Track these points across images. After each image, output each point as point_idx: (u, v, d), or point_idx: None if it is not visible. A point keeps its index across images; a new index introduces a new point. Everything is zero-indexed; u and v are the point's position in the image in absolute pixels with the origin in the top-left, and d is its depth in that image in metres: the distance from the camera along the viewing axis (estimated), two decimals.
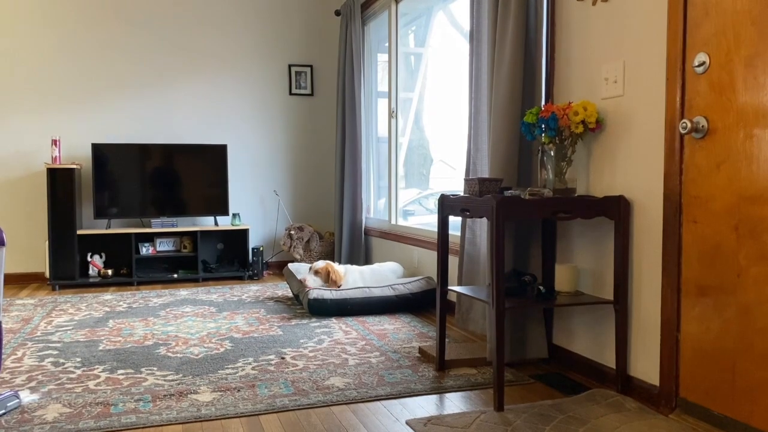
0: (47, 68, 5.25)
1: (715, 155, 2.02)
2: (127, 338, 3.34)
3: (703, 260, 2.07)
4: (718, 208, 2.01)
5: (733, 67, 1.95)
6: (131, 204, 5.28)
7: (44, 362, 2.92)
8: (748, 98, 1.90)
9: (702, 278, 2.07)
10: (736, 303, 1.96)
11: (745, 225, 1.91)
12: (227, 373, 2.72)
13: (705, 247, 2.06)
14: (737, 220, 1.94)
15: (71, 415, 2.26)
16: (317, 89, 5.93)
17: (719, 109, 2.00)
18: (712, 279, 2.04)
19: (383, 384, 2.57)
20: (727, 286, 1.98)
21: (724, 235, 1.99)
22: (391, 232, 4.90)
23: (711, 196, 2.03)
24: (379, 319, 3.75)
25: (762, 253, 1.85)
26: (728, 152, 1.97)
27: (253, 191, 5.81)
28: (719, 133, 2.00)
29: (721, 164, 2.00)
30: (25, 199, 5.23)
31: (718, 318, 2.02)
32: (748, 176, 1.90)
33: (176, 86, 5.56)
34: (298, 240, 5.49)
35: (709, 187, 2.04)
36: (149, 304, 4.26)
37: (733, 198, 1.96)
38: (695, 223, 2.10)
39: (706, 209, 2.05)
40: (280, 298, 4.45)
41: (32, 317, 3.90)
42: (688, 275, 2.13)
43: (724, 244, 1.99)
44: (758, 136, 1.87)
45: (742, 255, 1.93)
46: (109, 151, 5.19)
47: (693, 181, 2.10)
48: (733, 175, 1.95)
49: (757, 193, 1.87)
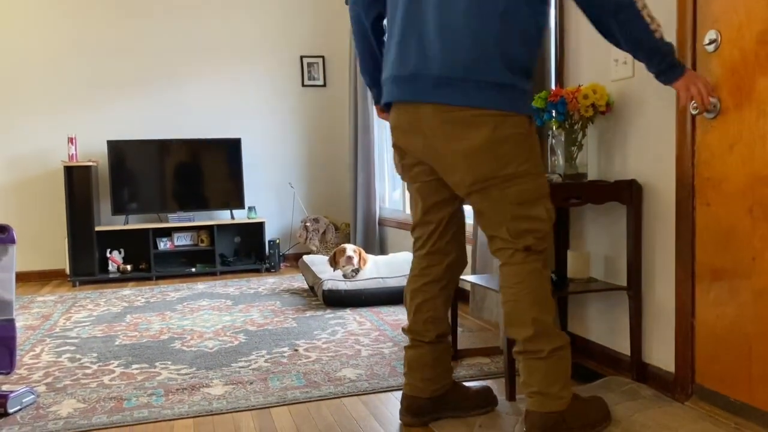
0: (61, 67, 5.30)
1: (728, 136, 1.95)
2: (143, 333, 3.37)
3: (717, 244, 2.01)
4: (731, 190, 1.95)
5: (744, 44, 1.88)
6: (148, 199, 5.32)
7: (61, 358, 2.95)
8: (761, 76, 1.83)
9: (716, 262, 2.02)
10: (751, 287, 1.90)
11: (760, 207, 1.85)
12: (240, 366, 2.73)
13: (719, 231, 2.00)
14: (752, 202, 1.88)
15: (85, 410, 2.28)
16: (330, 80, 5.91)
17: (731, 88, 1.93)
18: (726, 263, 1.98)
19: (395, 375, 2.55)
20: (742, 270, 1.92)
21: (738, 218, 1.93)
22: (405, 221, 4.87)
23: (724, 177, 1.97)
24: (394, 310, 3.73)
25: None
26: (741, 132, 1.91)
27: (268, 184, 5.82)
28: (731, 113, 1.94)
29: (734, 145, 1.93)
30: (43, 197, 5.30)
31: (733, 303, 1.96)
32: (763, 156, 1.84)
33: (189, 81, 5.57)
34: (314, 232, 5.50)
35: (722, 169, 1.98)
36: (166, 299, 4.29)
37: (746, 179, 1.90)
38: (708, 205, 2.04)
39: (720, 191, 1.99)
40: (296, 290, 4.45)
41: (52, 314, 3.95)
42: (702, 259, 2.08)
43: (738, 227, 1.93)
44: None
45: (757, 238, 1.87)
46: (125, 148, 5.23)
47: (706, 163, 2.04)
48: (747, 156, 1.89)
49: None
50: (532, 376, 1.87)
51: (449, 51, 1.79)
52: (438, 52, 1.80)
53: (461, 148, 1.81)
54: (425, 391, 2.04)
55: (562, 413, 1.85)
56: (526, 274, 1.87)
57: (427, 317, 2.04)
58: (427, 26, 1.83)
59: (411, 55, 1.87)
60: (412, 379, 2.06)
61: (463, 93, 1.79)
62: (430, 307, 2.05)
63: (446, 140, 1.83)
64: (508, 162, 1.82)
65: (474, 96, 1.79)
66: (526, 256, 1.87)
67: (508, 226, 1.87)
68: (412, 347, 2.07)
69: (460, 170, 1.85)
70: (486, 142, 1.79)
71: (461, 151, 1.81)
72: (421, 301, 2.05)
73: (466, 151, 1.81)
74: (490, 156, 1.81)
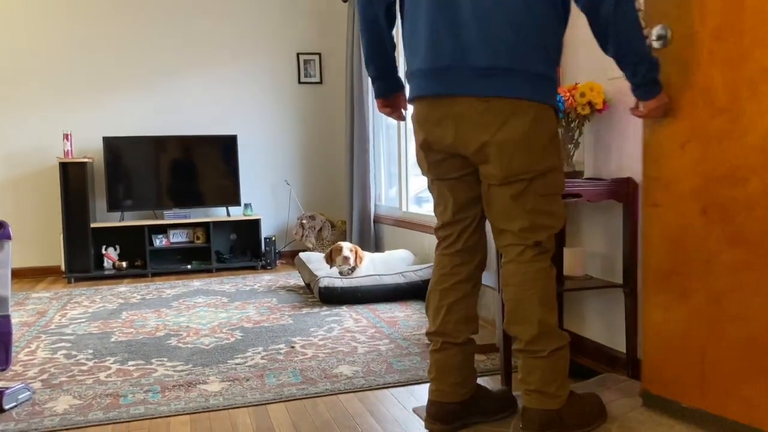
0: (57, 63, 5.28)
1: (680, 134, 1.88)
2: (139, 330, 3.37)
3: (666, 246, 1.94)
4: (683, 190, 1.88)
5: (698, 40, 1.81)
6: (144, 196, 5.31)
7: (57, 355, 2.95)
8: (716, 73, 1.76)
9: (666, 265, 1.95)
10: (705, 290, 1.84)
11: (715, 208, 1.79)
12: (236, 363, 2.72)
13: (668, 232, 1.93)
14: (705, 202, 1.81)
15: (81, 406, 2.28)
16: (326, 77, 5.90)
17: (682, 85, 1.86)
18: (677, 265, 1.91)
19: (392, 371, 2.56)
20: (695, 272, 1.86)
21: (690, 219, 1.86)
22: (401, 219, 4.87)
23: (675, 177, 1.90)
24: (390, 307, 3.74)
25: (734, 236, 1.74)
26: (694, 131, 1.84)
27: (264, 181, 5.82)
28: (683, 111, 1.86)
29: (686, 144, 1.86)
30: (38, 193, 5.28)
31: (685, 306, 1.90)
32: (717, 156, 1.77)
33: (185, 78, 5.56)
34: (310, 229, 5.49)
35: (672, 169, 1.90)
36: (162, 296, 4.29)
37: (700, 180, 1.82)
38: (656, 206, 1.96)
39: (670, 192, 1.92)
40: (292, 287, 4.45)
41: (47, 310, 3.94)
42: (649, 262, 2.01)
43: (691, 228, 1.87)
44: (729, 112, 1.74)
45: (711, 239, 1.81)
46: (121, 144, 5.22)
47: (654, 162, 1.96)
48: (700, 156, 1.82)
49: (728, 174, 1.75)
50: (531, 374, 1.86)
51: (490, 39, 1.72)
52: (477, 41, 1.72)
53: (499, 139, 1.75)
54: (455, 396, 1.96)
55: (559, 411, 1.85)
56: (534, 272, 1.84)
57: (460, 317, 1.96)
58: (462, 14, 1.74)
59: (445, 46, 1.77)
60: (441, 384, 1.96)
61: (506, 84, 1.73)
62: (462, 307, 1.97)
63: (482, 130, 1.76)
64: (543, 157, 1.79)
65: (518, 87, 1.73)
66: (535, 255, 1.84)
67: (524, 219, 1.83)
68: (440, 350, 1.97)
69: (496, 161, 1.78)
70: (525, 134, 1.75)
71: (498, 142, 1.76)
72: (453, 300, 1.97)
73: (503, 142, 1.76)
74: (527, 148, 1.77)
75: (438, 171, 1.95)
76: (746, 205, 1.71)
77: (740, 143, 1.72)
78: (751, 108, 1.70)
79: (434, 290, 2.02)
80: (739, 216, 1.73)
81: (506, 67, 1.72)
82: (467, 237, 1.98)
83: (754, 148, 1.70)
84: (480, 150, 1.79)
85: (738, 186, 1.73)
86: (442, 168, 1.93)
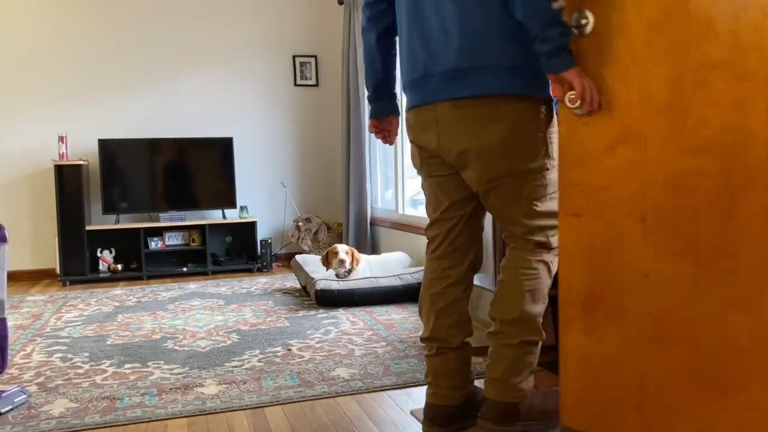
0: (52, 65, 5.26)
1: (609, 135, 1.62)
2: (135, 332, 3.36)
3: (591, 261, 1.69)
4: (613, 198, 1.62)
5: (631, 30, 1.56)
6: (139, 199, 5.30)
7: (53, 358, 2.94)
8: (655, 67, 1.53)
9: (591, 282, 1.70)
10: (643, 309, 1.60)
11: (655, 216, 1.55)
12: (233, 366, 2.72)
13: (594, 245, 1.68)
14: (643, 211, 1.57)
15: (77, 410, 2.27)
16: (322, 80, 5.90)
17: (612, 79, 1.61)
18: (606, 282, 1.66)
19: (389, 374, 2.56)
20: (630, 289, 1.62)
21: (624, 230, 1.62)
22: (398, 221, 4.88)
23: (603, 184, 1.64)
24: (387, 309, 3.73)
25: (679, 248, 1.52)
26: (628, 131, 1.58)
27: (260, 184, 5.81)
28: (613, 108, 1.61)
29: (616, 146, 1.61)
30: (33, 196, 5.26)
31: (616, 328, 1.65)
32: (657, 158, 1.54)
33: (181, 80, 5.55)
34: (306, 231, 5.49)
35: (599, 174, 1.65)
36: (158, 298, 4.28)
37: (635, 186, 1.58)
38: (578, 216, 1.70)
39: (595, 200, 1.66)
40: (288, 290, 4.45)
41: (42, 313, 3.93)
42: (568, 279, 1.74)
43: (625, 239, 1.62)
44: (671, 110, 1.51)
45: (651, 251, 1.57)
46: (116, 147, 5.21)
47: (574, 167, 1.69)
48: (637, 158, 1.57)
49: (671, 179, 1.52)
50: (498, 362, 1.87)
51: (452, 41, 1.74)
52: (443, 45, 1.76)
53: (476, 146, 1.76)
54: (452, 399, 1.95)
55: (517, 405, 1.86)
56: (533, 262, 1.86)
57: (452, 321, 1.95)
58: (429, 21, 1.79)
59: (419, 55, 1.83)
60: (438, 388, 1.96)
61: (476, 83, 1.73)
62: (454, 311, 1.95)
63: (462, 136, 1.78)
64: (524, 158, 1.79)
65: (489, 83, 1.72)
66: (536, 247, 1.86)
67: (522, 223, 1.85)
68: (436, 355, 1.97)
69: (476, 168, 1.80)
70: (503, 139, 1.75)
71: (476, 149, 1.77)
72: (444, 304, 1.95)
73: (480, 149, 1.77)
74: (506, 152, 1.76)
75: (429, 168, 1.98)
76: (693, 213, 1.49)
77: (686, 144, 1.49)
78: (698, 106, 1.47)
79: (425, 295, 2.02)
80: (685, 225, 1.51)
81: (472, 65, 1.73)
82: (455, 236, 1.97)
83: (702, 149, 1.46)
84: (460, 156, 1.82)
85: (684, 192, 1.50)
86: (432, 165, 1.96)
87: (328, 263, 4.14)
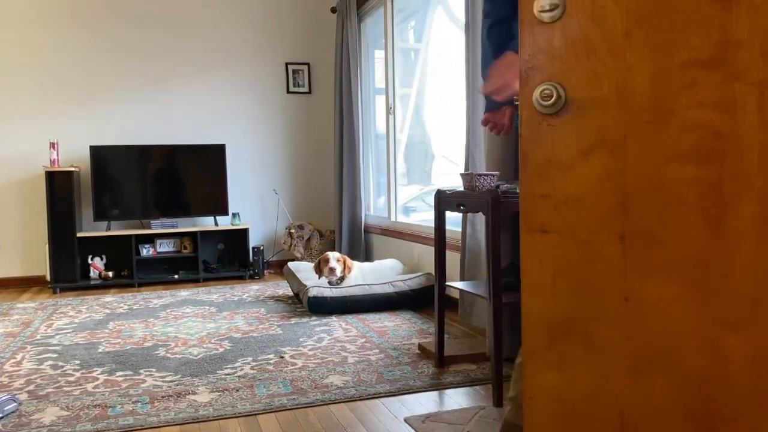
0: (43, 71, 5.24)
1: (582, 140, 1.41)
2: (126, 340, 3.34)
3: (561, 284, 1.48)
4: (588, 211, 1.44)
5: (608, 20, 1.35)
6: (131, 205, 5.27)
7: (43, 365, 2.91)
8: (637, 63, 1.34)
9: (560, 309, 1.50)
10: (624, 336, 1.42)
11: (637, 232, 1.39)
12: (226, 374, 2.71)
13: (564, 266, 1.48)
14: (623, 225, 1.40)
15: (69, 418, 2.25)
16: (315, 87, 5.91)
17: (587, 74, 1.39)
18: (579, 308, 1.47)
19: (382, 381, 2.55)
20: (608, 315, 1.44)
21: (600, 248, 1.44)
22: (390, 228, 4.88)
23: (575, 195, 1.45)
24: (380, 316, 3.73)
25: (665, 267, 1.37)
26: (603, 135, 1.39)
27: (252, 190, 5.80)
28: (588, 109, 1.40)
29: (591, 152, 1.41)
30: (24, 202, 5.23)
31: (592, 359, 1.46)
32: (642, 164, 1.37)
33: (173, 87, 5.55)
34: (298, 238, 5.48)
35: (570, 183, 1.45)
36: (149, 306, 4.25)
37: (614, 197, 1.40)
38: (545, 233, 1.50)
39: (565, 214, 1.47)
40: (280, 297, 4.44)
41: (32, 320, 3.90)
42: (533, 306, 1.52)
43: (600, 259, 1.43)
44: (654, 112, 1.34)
45: (632, 272, 1.40)
46: (108, 153, 5.19)
47: (540, 177, 1.48)
48: (615, 167, 1.39)
49: (655, 188, 1.36)
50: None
51: None
52: None
53: None
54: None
55: None
56: None
57: None
58: None
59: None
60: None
61: None
62: None
63: None
64: None
65: None
66: None
67: None
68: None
69: None
70: None
71: None
72: None
73: None
74: None
75: None
76: (680, 228, 1.35)
77: (672, 150, 1.33)
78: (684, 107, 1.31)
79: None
80: (671, 241, 1.35)
81: None
82: None
83: (687, 157, 1.32)
84: None
85: (669, 204, 1.35)
86: None
87: (320, 271, 4.13)
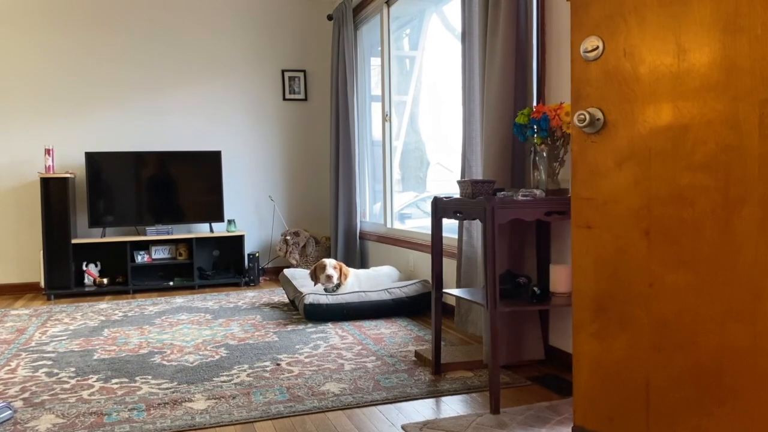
0: (39, 77, 5.24)
1: (616, 152, 1.76)
2: (121, 347, 3.33)
3: (601, 270, 1.81)
4: (621, 211, 1.75)
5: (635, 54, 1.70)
6: (126, 212, 5.26)
7: (38, 373, 2.90)
8: (657, 89, 1.66)
9: (601, 290, 1.82)
10: (648, 316, 1.72)
11: (659, 228, 1.68)
12: (222, 381, 2.70)
13: (603, 256, 1.80)
14: (648, 223, 1.70)
15: (64, 425, 2.24)
16: (311, 94, 5.92)
17: (619, 100, 1.74)
18: (615, 291, 1.79)
19: (379, 389, 2.55)
20: (636, 297, 1.74)
21: (631, 241, 1.74)
22: (386, 235, 4.89)
23: (611, 197, 1.77)
24: (376, 324, 3.73)
25: (681, 259, 1.64)
26: (632, 149, 1.72)
27: (248, 197, 5.80)
28: (620, 127, 1.75)
29: (623, 162, 1.74)
30: (19, 209, 5.21)
31: (625, 333, 1.77)
32: (660, 174, 1.66)
33: (169, 93, 5.55)
34: (294, 245, 5.48)
35: (607, 189, 1.78)
36: (145, 313, 4.24)
37: (641, 200, 1.71)
38: (589, 228, 1.83)
39: (605, 213, 1.79)
40: (276, 304, 4.43)
41: (27, 327, 3.88)
42: (581, 288, 1.86)
43: (631, 251, 1.75)
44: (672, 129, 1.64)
45: (655, 262, 1.69)
46: (103, 160, 5.18)
47: (585, 183, 1.83)
48: (641, 175, 1.71)
49: (673, 193, 1.64)
50: None
51: None
52: None
53: None
54: None
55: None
56: None
57: None
58: None
59: None
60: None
61: None
62: None
63: None
64: None
65: None
66: None
67: None
68: None
69: None
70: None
71: None
72: None
73: None
74: None
75: None
76: (694, 226, 1.61)
77: (686, 162, 1.62)
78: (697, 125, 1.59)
79: None
80: (686, 237, 1.63)
81: None
82: None
83: (701, 166, 1.59)
84: None
85: (685, 206, 1.63)
86: None
87: (316, 278, 4.13)
